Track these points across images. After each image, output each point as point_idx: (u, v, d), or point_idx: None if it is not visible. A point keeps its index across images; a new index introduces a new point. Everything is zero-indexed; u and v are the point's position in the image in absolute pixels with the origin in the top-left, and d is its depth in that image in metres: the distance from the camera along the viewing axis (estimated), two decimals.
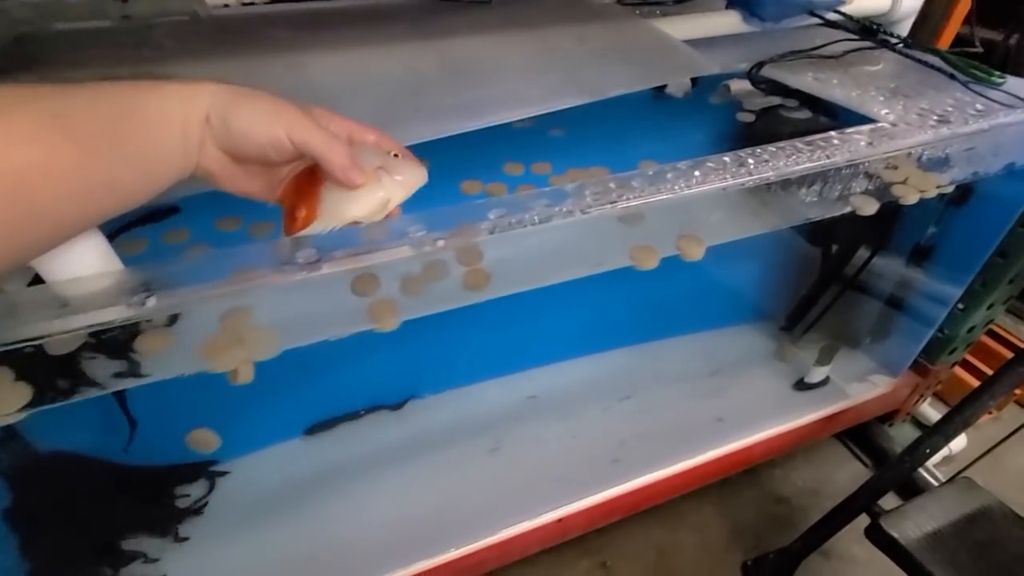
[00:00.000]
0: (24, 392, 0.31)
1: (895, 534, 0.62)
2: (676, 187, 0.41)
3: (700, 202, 0.44)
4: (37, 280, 0.32)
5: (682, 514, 0.85)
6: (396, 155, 0.35)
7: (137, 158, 0.28)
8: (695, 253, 0.44)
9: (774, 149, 0.46)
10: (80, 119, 0.26)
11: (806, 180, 0.45)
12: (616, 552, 0.81)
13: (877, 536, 0.64)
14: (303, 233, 0.34)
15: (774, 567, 0.77)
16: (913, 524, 0.63)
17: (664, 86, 0.79)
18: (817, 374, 0.83)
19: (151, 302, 0.31)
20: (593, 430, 0.76)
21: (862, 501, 0.68)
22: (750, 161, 0.44)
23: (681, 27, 0.71)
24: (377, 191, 0.34)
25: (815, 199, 0.47)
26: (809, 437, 0.85)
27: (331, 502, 0.66)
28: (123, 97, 0.28)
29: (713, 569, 0.80)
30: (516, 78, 0.56)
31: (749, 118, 0.74)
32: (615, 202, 0.40)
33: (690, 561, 0.81)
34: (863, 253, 0.84)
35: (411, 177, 0.35)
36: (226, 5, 0.70)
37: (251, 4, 0.73)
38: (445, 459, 0.71)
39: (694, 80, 0.80)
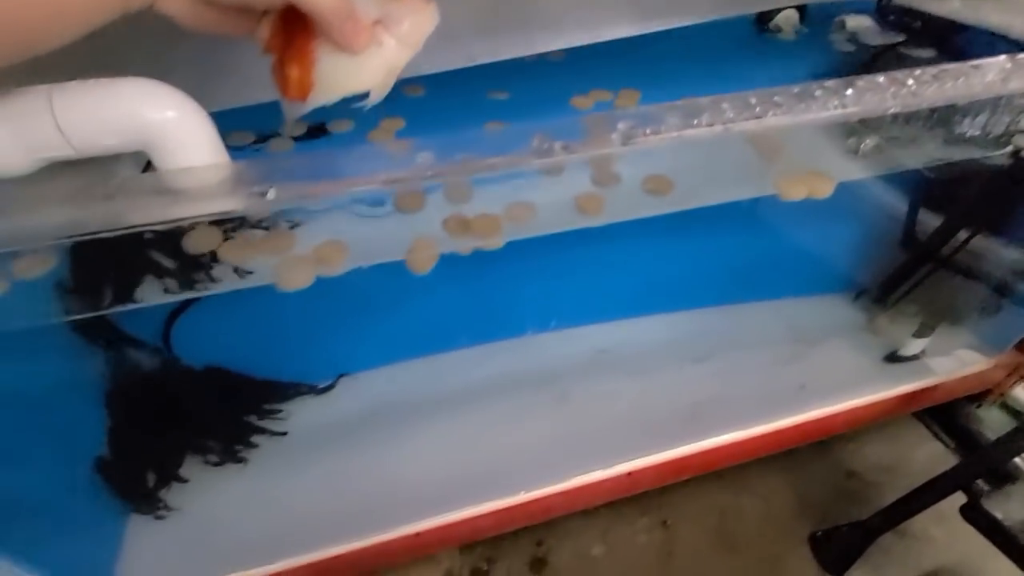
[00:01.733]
0: None
1: (999, 515, 0.58)
2: (828, 106, 0.36)
3: (838, 132, 0.39)
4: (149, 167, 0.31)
5: (747, 480, 0.82)
6: None
7: None
8: (823, 190, 0.39)
9: (936, 71, 0.40)
10: None
11: (973, 108, 0.39)
12: (677, 512, 0.79)
13: (975, 516, 0.59)
14: (305, 107, 0.30)
15: (846, 541, 0.73)
16: (1019, 506, 0.58)
17: (769, 19, 0.72)
18: (914, 346, 0.77)
19: (271, 194, 0.29)
20: (666, 389, 0.72)
21: (959, 479, 0.64)
22: (910, 82, 0.39)
23: None
24: (378, 56, 0.29)
25: (977, 133, 0.41)
26: (894, 411, 0.80)
27: (396, 441, 0.66)
28: None
29: (777, 537, 0.78)
30: None
31: (866, 57, 0.67)
32: (760, 118, 0.35)
33: (753, 527, 0.78)
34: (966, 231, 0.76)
35: (417, 24, 0.30)
36: None
37: None
38: (514, 405, 0.69)
39: (802, 14, 0.73)
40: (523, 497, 0.62)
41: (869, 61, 0.67)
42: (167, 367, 0.62)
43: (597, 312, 0.79)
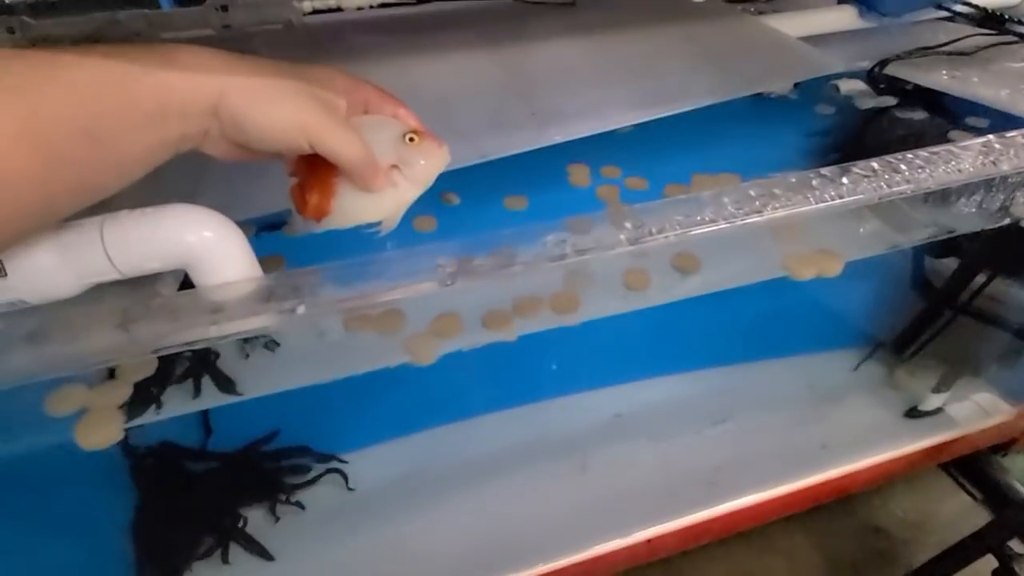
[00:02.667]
0: None
1: None
2: (825, 196, 0.38)
3: (839, 213, 0.41)
4: (186, 284, 0.33)
5: (771, 540, 0.81)
6: (412, 138, 0.32)
7: (117, 159, 0.25)
8: (833, 269, 0.41)
9: (927, 155, 0.42)
10: (53, 119, 0.22)
11: (968, 189, 0.41)
12: (701, 575, 0.77)
13: None
14: (318, 228, 0.33)
15: None
16: None
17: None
18: (934, 401, 0.76)
19: (300, 309, 0.30)
20: (686, 453, 0.72)
21: (989, 542, 0.62)
22: (903, 167, 0.40)
23: (789, 24, 0.67)
24: (392, 195, 0.32)
25: (973, 210, 0.42)
26: (916, 466, 0.79)
27: (415, 513, 0.66)
28: (111, 85, 0.24)
29: None
30: (620, 82, 0.54)
31: (859, 120, 0.69)
32: (760, 211, 0.37)
33: None
34: (983, 276, 0.77)
35: (430, 166, 0.32)
36: (315, 11, 0.71)
37: (339, 10, 0.74)
38: (531, 473, 0.69)
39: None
40: (541, 569, 0.61)
41: (864, 124, 0.69)
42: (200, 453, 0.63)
43: (613, 374, 0.79)
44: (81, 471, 0.54)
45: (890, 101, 0.69)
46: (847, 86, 0.73)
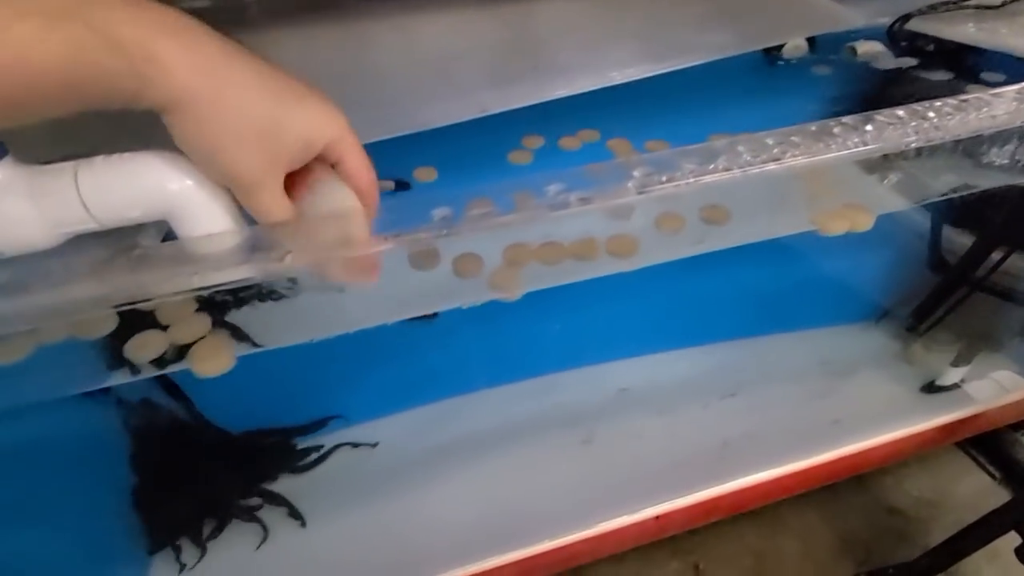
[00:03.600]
0: None
1: None
2: (847, 143, 0.36)
3: (867, 168, 0.38)
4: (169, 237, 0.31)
5: (782, 519, 0.79)
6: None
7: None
8: (864, 223, 0.38)
9: (957, 102, 0.39)
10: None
11: (1000, 138, 0.38)
12: (709, 555, 0.76)
13: None
14: None
15: None
16: None
17: (777, 49, 0.72)
18: (952, 375, 0.74)
19: (288, 260, 0.29)
20: (694, 427, 0.70)
21: (1011, 518, 0.60)
22: (931, 115, 0.38)
23: None
24: None
25: (1006, 161, 0.40)
26: (934, 442, 0.76)
27: (420, 484, 0.64)
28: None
29: None
30: (626, 36, 0.52)
31: (880, 82, 0.66)
32: (778, 159, 0.34)
33: (791, 570, 0.75)
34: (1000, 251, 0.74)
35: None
36: None
37: None
38: (535, 449, 0.67)
39: (811, 43, 0.73)
40: (547, 545, 0.59)
41: (883, 86, 0.66)
42: (194, 423, 0.62)
43: (619, 348, 0.78)
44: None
45: (910, 62, 0.66)
46: (864, 48, 0.69)
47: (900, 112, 0.38)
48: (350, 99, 0.30)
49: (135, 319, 0.39)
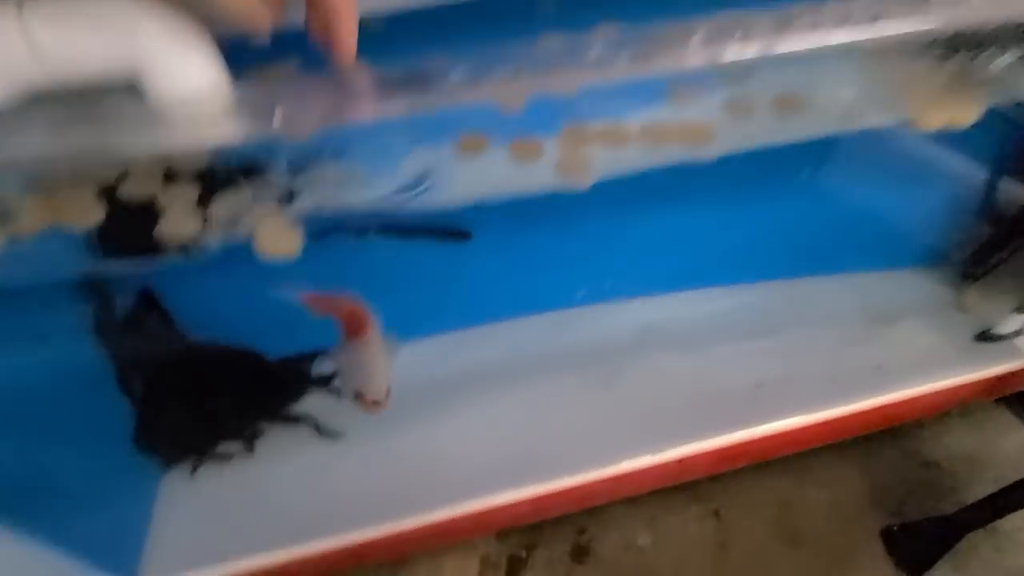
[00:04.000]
0: None
1: None
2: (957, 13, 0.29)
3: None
4: None
5: (810, 469, 0.75)
6: None
7: None
8: (965, 116, 0.32)
9: None
10: None
11: None
12: (731, 502, 0.73)
13: None
14: None
15: (928, 537, 0.66)
16: None
17: None
18: (1012, 323, 0.68)
19: (277, 121, 0.24)
20: (723, 369, 0.66)
21: None
22: None
23: None
24: None
25: None
26: (980, 395, 0.72)
27: (433, 415, 0.62)
28: None
29: (846, 531, 0.70)
30: None
31: None
32: (875, 19, 0.28)
33: (818, 520, 0.72)
34: None
35: None
36: None
37: None
38: (553, 383, 0.64)
39: None
40: (565, 483, 0.57)
41: None
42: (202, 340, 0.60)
43: (643, 285, 0.73)
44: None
45: None
46: None
47: None
48: None
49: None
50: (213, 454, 0.61)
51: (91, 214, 0.31)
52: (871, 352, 0.67)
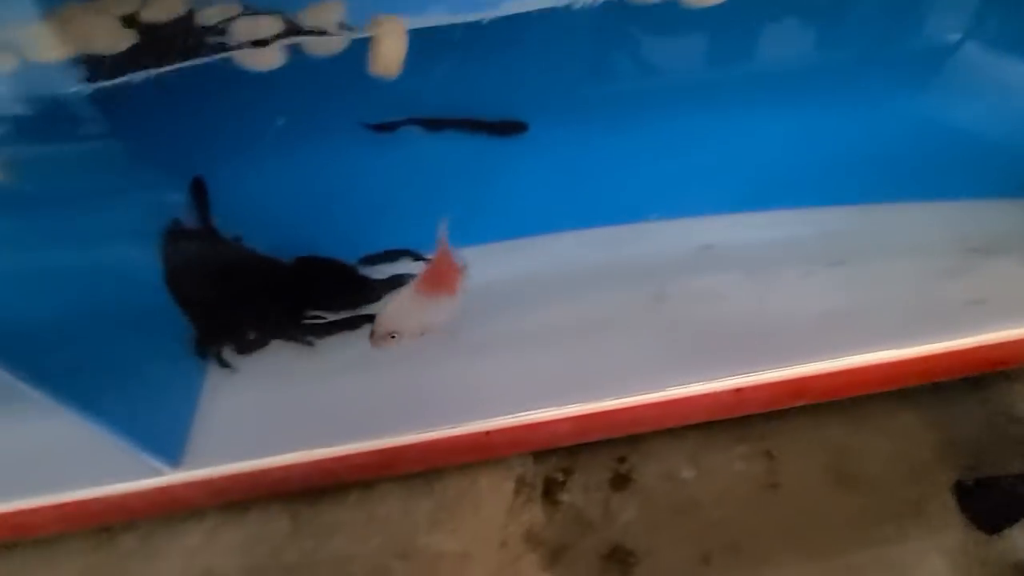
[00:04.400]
0: None
1: None
2: None
3: None
4: None
5: (869, 416, 0.69)
6: None
7: None
8: None
9: None
10: None
11: None
12: (783, 443, 0.68)
13: None
14: None
15: (1008, 494, 0.60)
16: None
17: None
18: None
19: None
20: (791, 295, 0.60)
21: None
22: None
23: None
24: None
25: None
26: None
27: (481, 325, 0.59)
28: None
29: (911, 481, 0.65)
30: None
31: None
32: None
33: (879, 467, 0.66)
34: None
35: None
36: None
37: None
38: (607, 300, 0.60)
39: None
40: (610, 404, 0.54)
41: None
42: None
43: (705, 202, 0.66)
44: None
45: None
46: None
47: None
48: None
49: None
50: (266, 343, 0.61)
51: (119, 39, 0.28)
52: (967, 285, 0.59)
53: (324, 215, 0.59)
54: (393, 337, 0.50)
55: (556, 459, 0.69)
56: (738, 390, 0.55)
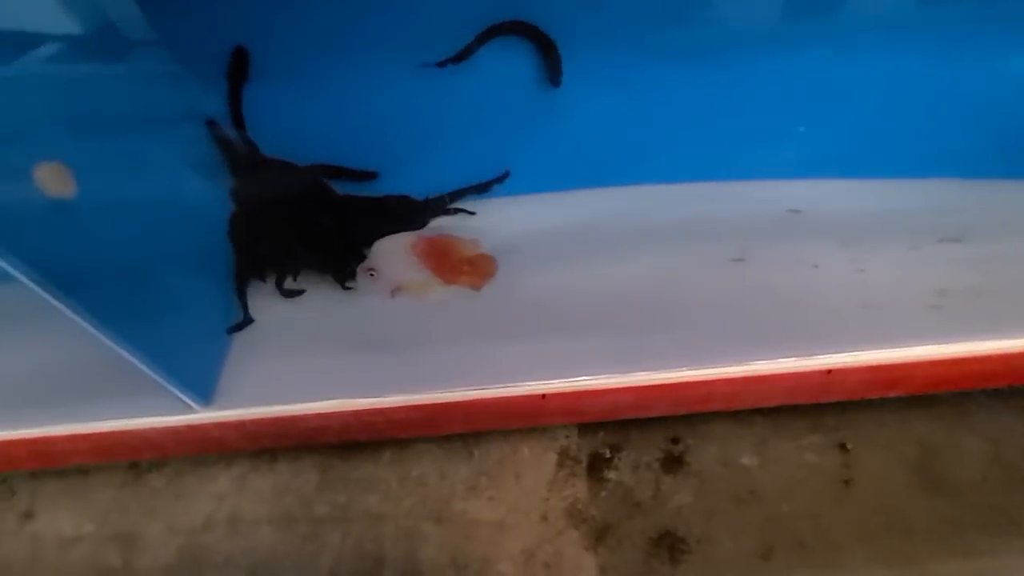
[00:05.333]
0: None
1: None
2: None
3: None
4: None
5: (967, 414, 0.62)
6: None
7: None
8: None
9: None
10: None
11: None
12: (862, 436, 0.61)
13: None
14: None
15: None
16: None
17: None
18: None
19: None
20: (894, 268, 0.52)
21: None
22: None
23: None
24: None
25: None
26: None
27: (549, 276, 0.54)
28: None
29: (1007, 488, 0.58)
30: None
31: None
32: None
33: (971, 471, 0.59)
34: None
35: None
36: None
37: None
38: (675, 257, 0.53)
39: None
40: (681, 376, 0.48)
41: None
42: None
43: (792, 165, 0.59)
44: None
45: None
46: None
47: None
48: None
49: None
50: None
51: None
52: None
53: (370, 144, 0.54)
54: (372, 274, 0.54)
55: (604, 434, 0.64)
56: (828, 371, 0.48)
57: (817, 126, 0.58)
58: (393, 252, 0.55)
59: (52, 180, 0.40)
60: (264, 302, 0.59)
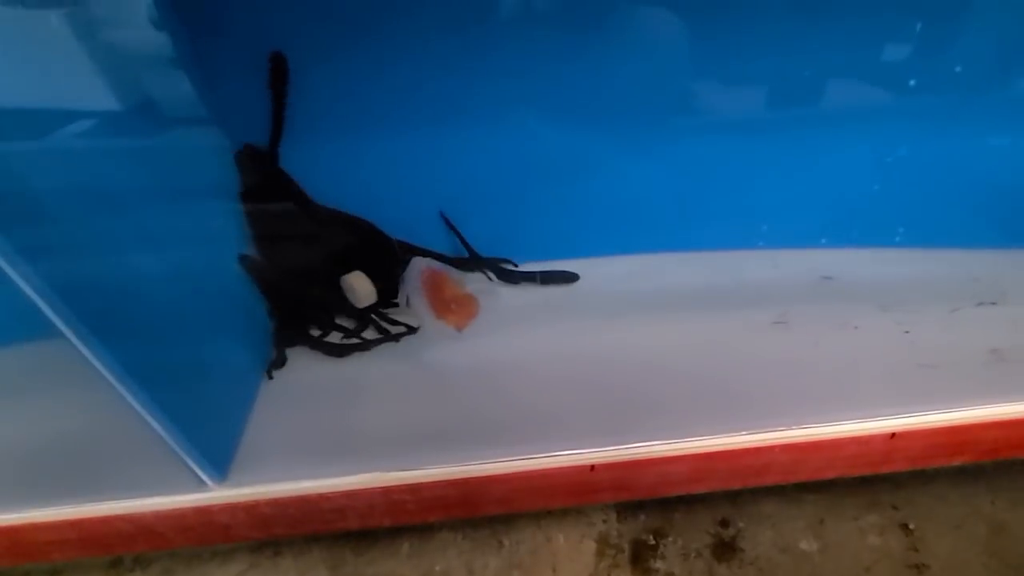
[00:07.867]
0: None
1: None
2: None
3: None
4: None
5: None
6: None
7: None
8: None
9: None
10: None
11: None
12: (922, 514, 0.57)
13: None
14: None
15: None
16: None
17: None
18: None
19: None
20: (939, 328, 0.51)
21: None
22: None
23: None
24: None
25: None
26: None
27: (592, 339, 0.53)
28: None
29: None
30: None
31: None
32: None
33: None
34: None
35: None
36: None
37: None
38: (715, 319, 0.52)
39: None
40: (740, 440, 0.44)
41: None
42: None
43: (824, 233, 0.60)
44: None
45: None
46: None
47: None
48: None
49: None
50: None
51: None
52: None
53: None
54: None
55: (645, 517, 0.59)
56: (892, 435, 0.45)
57: (844, 197, 0.60)
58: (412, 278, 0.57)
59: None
60: (290, 365, 0.56)
